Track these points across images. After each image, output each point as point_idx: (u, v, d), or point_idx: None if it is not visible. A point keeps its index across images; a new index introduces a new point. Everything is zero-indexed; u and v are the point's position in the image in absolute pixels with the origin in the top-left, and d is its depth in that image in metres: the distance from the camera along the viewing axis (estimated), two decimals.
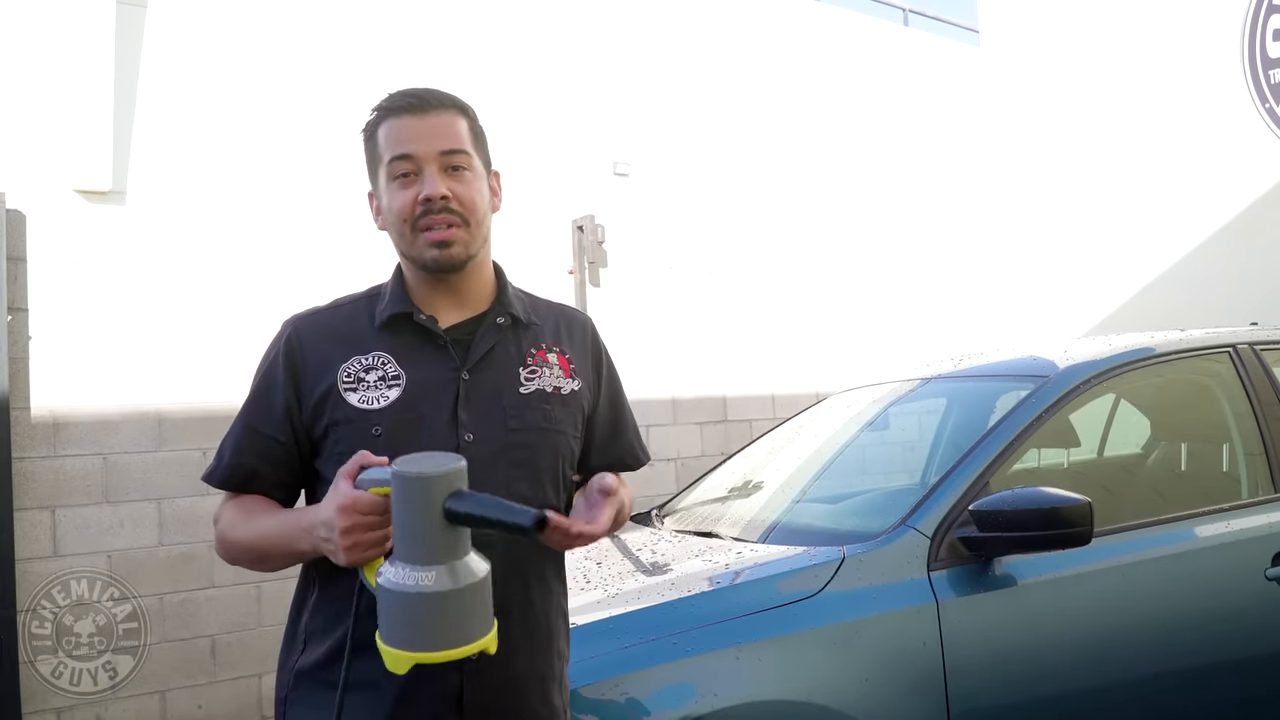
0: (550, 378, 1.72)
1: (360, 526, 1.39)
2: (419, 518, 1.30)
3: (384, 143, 1.66)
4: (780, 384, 7.14)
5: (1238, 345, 3.44)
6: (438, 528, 1.30)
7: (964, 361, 3.87)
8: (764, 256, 7.26)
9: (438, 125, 1.65)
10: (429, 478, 1.30)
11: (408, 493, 1.31)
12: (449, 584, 1.29)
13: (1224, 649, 2.90)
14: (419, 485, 1.30)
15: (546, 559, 1.69)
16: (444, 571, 1.30)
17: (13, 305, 4.56)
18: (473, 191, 1.66)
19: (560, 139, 6.41)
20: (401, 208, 1.63)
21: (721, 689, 2.32)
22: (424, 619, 1.30)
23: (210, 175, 5.17)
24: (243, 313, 5.00)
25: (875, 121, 8.06)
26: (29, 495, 4.54)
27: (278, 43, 5.47)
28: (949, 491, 2.76)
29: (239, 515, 1.65)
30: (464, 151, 1.66)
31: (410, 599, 1.29)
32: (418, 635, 1.30)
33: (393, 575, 1.30)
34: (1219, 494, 3.42)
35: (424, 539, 1.30)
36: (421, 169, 1.63)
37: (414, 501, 1.30)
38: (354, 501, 1.39)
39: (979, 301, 8.25)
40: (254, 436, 1.66)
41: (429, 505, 1.29)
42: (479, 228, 1.68)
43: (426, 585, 1.28)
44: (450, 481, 1.31)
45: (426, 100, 1.67)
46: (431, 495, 1.30)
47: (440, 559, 1.30)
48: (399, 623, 1.31)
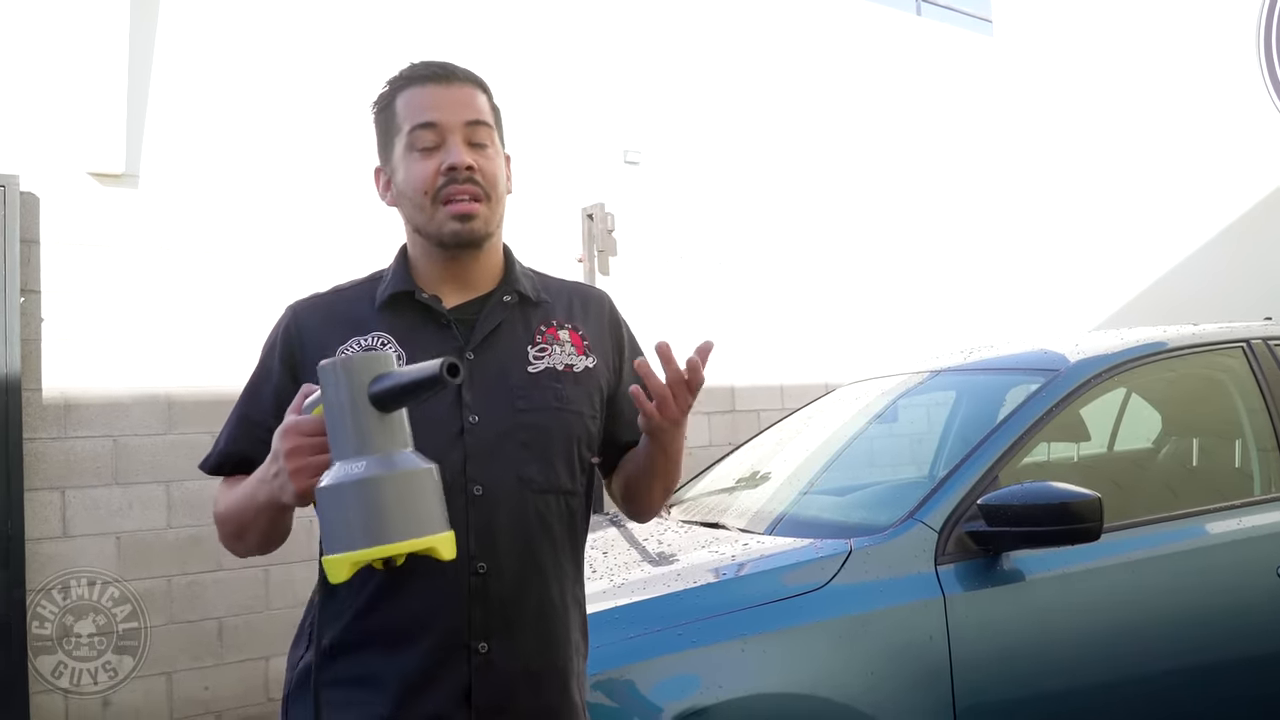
0: (561, 355, 1.65)
1: (304, 449, 1.31)
2: (345, 409, 1.23)
3: (404, 111, 1.59)
4: (789, 375, 7.12)
5: (1251, 340, 3.41)
6: (366, 414, 1.22)
7: (974, 354, 3.85)
8: (774, 246, 7.23)
9: (461, 95, 1.60)
10: (348, 361, 1.24)
11: (332, 384, 1.24)
12: (381, 470, 1.21)
13: (1234, 646, 2.89)
14: (341, 370, 1.24)
15: (557, 546, 1.61)
16: (376, 460, 1.21)
17: (25, 287, 4.57)
18: (494, 166, 1.61)
19: (571, 127, 6.39)
20: (423, 177, 1.56)
21: (727, 681, 2.31)
22: (359, 511, 1.20)
23: (223, 159, 5.17)
24: (253, 297, 5.00)
25: (887, 111, 8.02)
26: (39, 476, 4.56)
27: (291, 27, 5.46)
28: (957, 485, 2.75)
29: (224, 493, 1.60)
30: (487, 124, 1.62)
31: (343, 491, 1.20)
32: (355, 532, 1.20)
33: (326, 477, 1.23)
34: (1231, 490, 3.39)
35: (353, 428, 1.23)
36: (445, 139, 1.56)
37: (340, 393, 1.23)
38: (294, 424, 1.32)
39: (989, 293, 8.22)
40: (247, 425, 1.61)
41: (355, 393, 1.22)
42: (499, 204, 1.62)
43: (357, 473, 1.20)
44: (371, 365, 1.24)
45: (451, 70, 1.62)
46: (355, 382, 1.23)
47: (373, 448, 1.22)
48: (336, 523, 1.21)
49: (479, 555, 1.51)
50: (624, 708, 2.29)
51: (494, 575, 1.52)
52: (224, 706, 4.93)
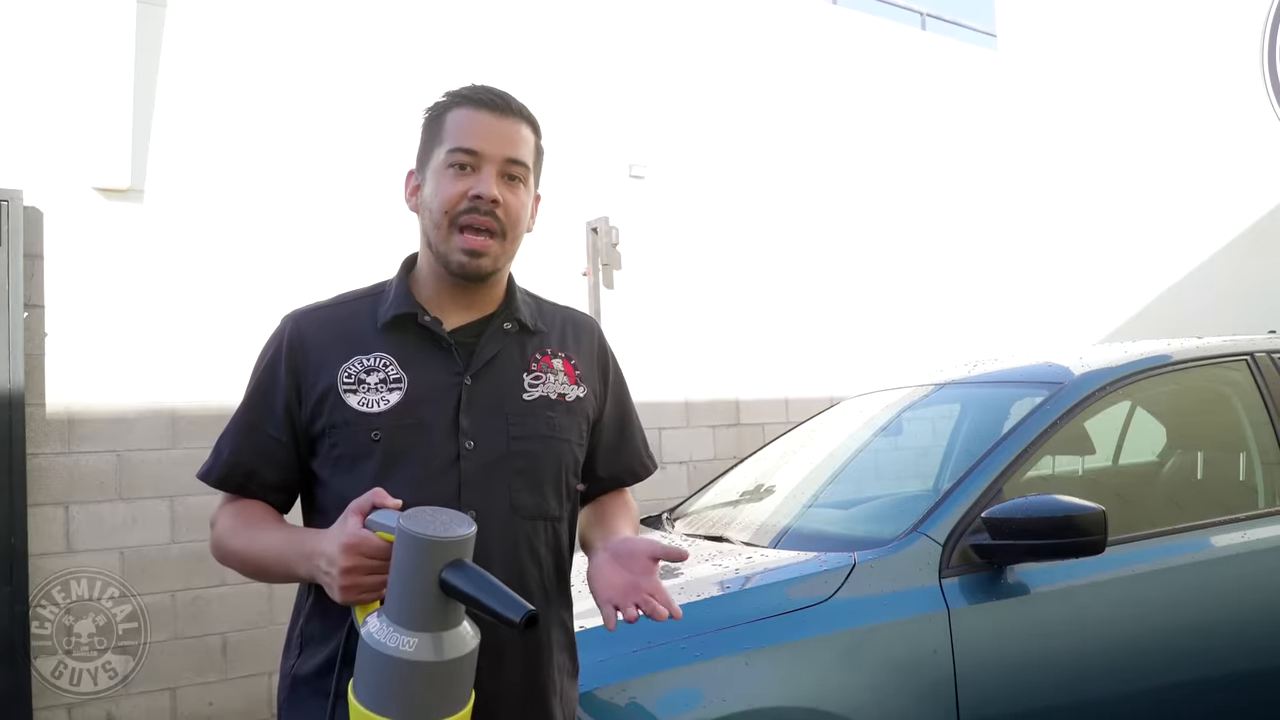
0: (554, 384, 1.68)
1: (361, 569, 1.36)
2: (414, 579, 1.25)
3: (451, 128, 1.61)
4: (794, 388, 7.12)
5: (1255, 353, 3.40)
6: (431, 594, 1.25)
7: (978, 367, 3.84)
8: (778, 260, 7.24)
9: (511, 130, 1.63)
10: (431, 542, 1.25)
11: (407, 551, 1.26)
12: (429, 655, 1.24)
13: (1239, 661, 2.87)
14: (419, 547, 1.25)
15: (544, 572, 1.65)
16: (427, 640, 1.24)
17: (29, 302, 4.58)
18: (520, 206, 1.63)
19: (576, 141, 6.40)
20: (448, 198, 1.58)
21: (730, 695, 2.30)
22: (396, 685, 1.25)
23: (228, 174, 5.19)
24: (257, 312, 5.00)
25: (891, 125, 8.04)
26: (43, 491, 4.56)
27: (295, 43, 5.49)
28: (962, 498, 2.74)
29: (238, 523, 1.61)
30: (526, 165, 1.64)
31: (387, 661, 1.24)
32: (387, 700, 1.25)
33: (377, 631, 1.25)
34: (1235, 503, 3.38)
35: (415, 602, 1.25)
36: (481, 167, 1.59)
37: (412, 561, 1.25)
38: (359, 542, 1.36)
39: (994, 307, 8.21)
40: (253, 434, 1.62)
41: (426, 569, 1.24)
42: (513, 244, 1.64)
43: (407, 652, 1.24)
44: (452, 550, 1.26)
45: (509, 102, 1.65)
46: (431, 560, 1.24)
47: (427, 626, 1.25)
48: (371, 681, 1.26)
49: None
50: None
51: None
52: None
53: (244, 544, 1.58)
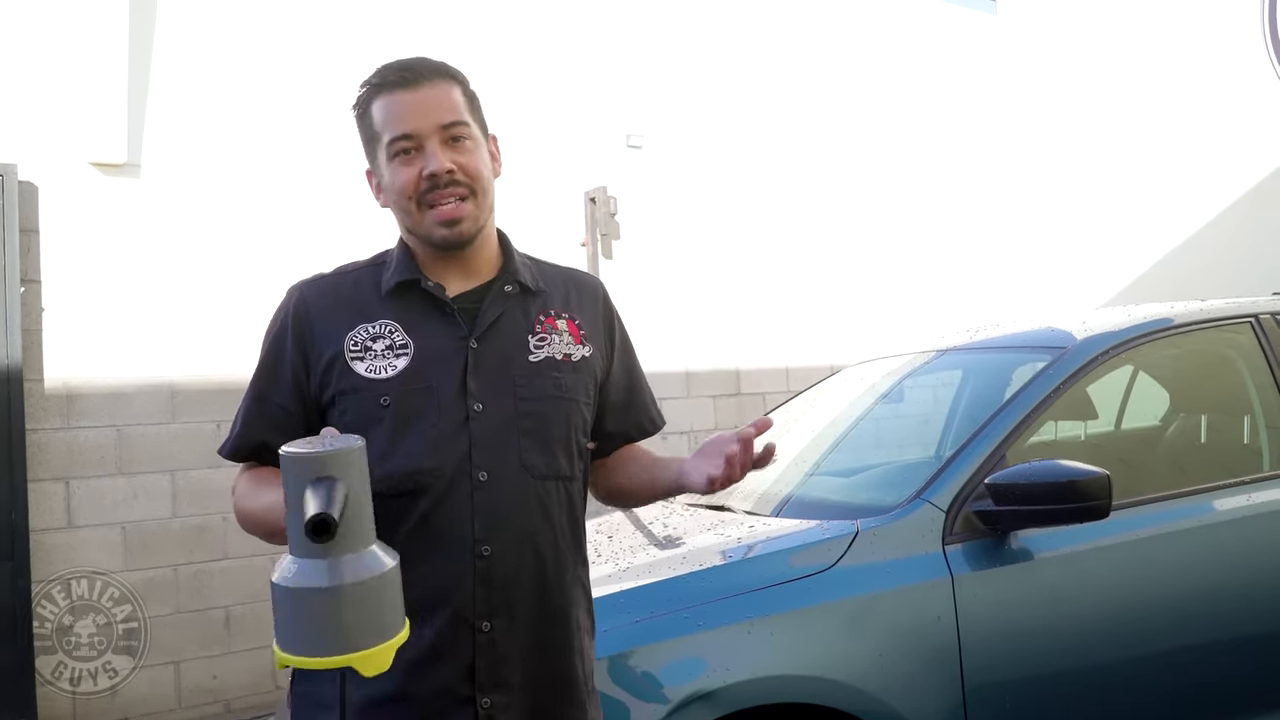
0: (560, 344, 1.69)
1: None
2: (290, 501, 1.17)
3: (380, 121, 1.62)
4: (794, 356, 7.10)
5: (1259, 315, 3.38)
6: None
7: (980, 333, 3.82)
8: (777, 228, 7.20)
9: (432, 97, 1.61)
10: (291, 458, 1.17)
11: (284, 474, 1.18)
12: (317, 581, 1.14)
13: (1243, 622, 2.87)
14: (284, 464, 1.18)
15: (559, 532, 1.65)
16: (319, 567, 1.15)
17: (26, 277, 4.56)
18: (476, 161, 1.63)
19: (573, 110, 6.36)
20: (404, 185, 1.60)
21: (734, 663, 2.30)
22: (286, 615, 1.16)
23: (225, 148, 5.15)
24: (256, 285, 4.99)
25: (890, 91, 7.97)
26: (43, 467, 4.56)
27: (290, 15, 5.43)
28: (964, 465, 2.73)
29: (251, 486, 1.62)
30: (463, 121, 1.63)
31: (275, 591, 1.16)
32: (291, 639, 1.16)
33: (277, 568, 1.18)
34: (1239, 467, 3.37)
35: (293, 527, 1.17)
36: (423, 145, 1.59)
37: (287, 483, 1.18)
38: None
39: (995, 272, 8.18)
40: (263, 406, 1.64)
41: (294, 489, 1.16)
42: (485, 197, 1.64)
43: (296, 581, 1.15)
44: (313, 466, 1.16)
45: (418, 71, 1.62)
46: (295, 478, 1.16)
47: (310, 553, 1.15)
48: (276, 616, 1.18)
49: (483, 539, 1.56)
50: (631, 691, 2.28)
51: (497, 558, 1.56)
52: (232, 695, 4.93)
53: (255, 506, 1.58)
